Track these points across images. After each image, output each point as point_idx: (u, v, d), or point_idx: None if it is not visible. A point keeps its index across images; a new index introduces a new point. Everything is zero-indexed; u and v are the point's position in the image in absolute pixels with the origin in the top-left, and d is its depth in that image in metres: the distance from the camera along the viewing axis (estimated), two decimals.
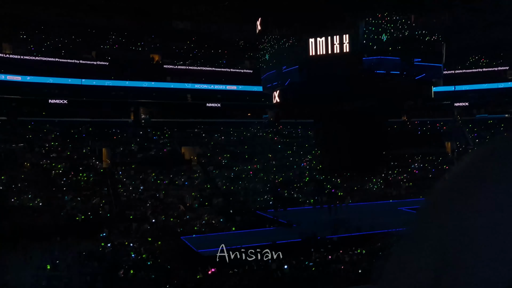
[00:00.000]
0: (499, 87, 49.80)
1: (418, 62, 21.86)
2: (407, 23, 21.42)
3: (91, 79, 42.97)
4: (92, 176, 33.15)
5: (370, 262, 16.79)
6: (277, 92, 26.72)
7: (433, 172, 41.31)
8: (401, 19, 21.35)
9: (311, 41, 22.34)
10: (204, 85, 48.18)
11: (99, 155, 37.10)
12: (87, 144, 37.93)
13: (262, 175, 37.66)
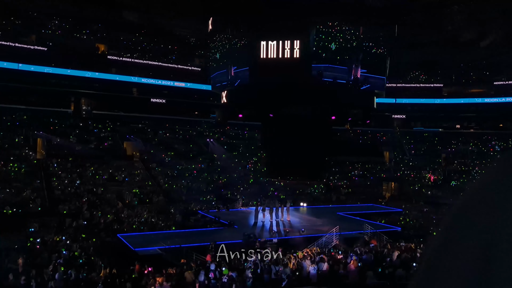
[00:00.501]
0: (435, 102, 52.84)
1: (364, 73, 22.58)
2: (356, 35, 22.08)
3: (30, 64, 40.49)
4: (24, 167, 31.18)
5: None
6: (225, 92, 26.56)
7: (371, 179, 43.03)
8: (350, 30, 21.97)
9: (262, 44, 22.37)
10: (151, 80, 46.99)
11: (34, 146, 35.01)
12: (21, 132, 35.65)
13: (206, 175, 37.34)
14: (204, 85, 45.51)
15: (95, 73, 44.08)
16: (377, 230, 24.32)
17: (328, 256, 18.86)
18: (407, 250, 19.68)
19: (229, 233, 23.10)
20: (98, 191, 30.44)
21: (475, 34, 36.71)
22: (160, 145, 40.90)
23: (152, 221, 25.95)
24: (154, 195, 31.76)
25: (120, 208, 28.03)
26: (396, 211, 33.48)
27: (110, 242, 21.18)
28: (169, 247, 18.94)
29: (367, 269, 16.10)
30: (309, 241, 21.85)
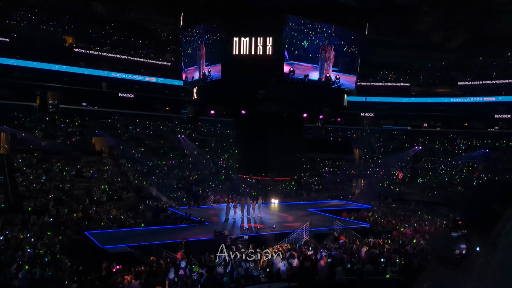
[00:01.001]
0: (404, 101, 54.04)
1: (336, 71, 22.83)
2: (328, 33, 22.28)
3: None
4: None
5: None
6: (196, 88, 26.34)
7: (341, 176, 43.68)
8: (323, 28, 22.14)
9: (235, 40, 22.26)
10: (121, 74, 46.05)
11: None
12: None
13: (177, 171, 36.97)
14: (175, 81, 45.00)
15: (63, 66, 42.82)
16: (346, 226, 24.71)
17: (299, 252, 19.01)
18: (376, 246, 20.07)
19: (200, 230, 22.96)
20: (65, 187, 29.65)
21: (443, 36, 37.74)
22: (131, 140, 40.20)
23: (121, 218, 25.48)
24: (124, 191, 31.20)
25: (88, 205, 27.39)
26: (365, 207, 34.12)
27: (78, 239, 20.67)
28: (139, 245, 18.65)
29: (337, 265, 16.33)
30: (280, 237, 21.97)
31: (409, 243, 21.27)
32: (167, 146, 41.58)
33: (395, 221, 28.51)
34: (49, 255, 17.31)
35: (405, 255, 18.11)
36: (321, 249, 19.12)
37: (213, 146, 43.84)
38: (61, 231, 21.80)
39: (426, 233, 24.43)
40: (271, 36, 21.63)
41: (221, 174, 38.81)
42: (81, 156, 34.80)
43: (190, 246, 19.17)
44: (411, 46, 42.03)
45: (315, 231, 23.33)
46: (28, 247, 18.01)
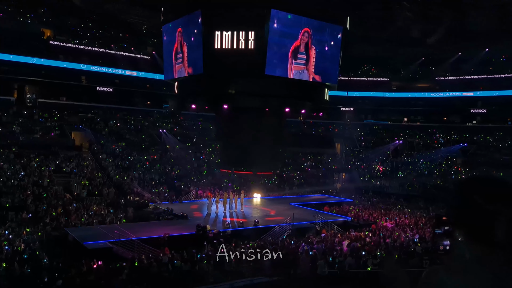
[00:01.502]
0: (385, 96, 54.68)
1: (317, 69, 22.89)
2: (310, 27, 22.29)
3: None
4: None
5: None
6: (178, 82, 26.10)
7: (323, 170, 44.02)
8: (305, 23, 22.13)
9: (217, 34, 22.07)
10: (101, 68, 45.31)
11: None
12: None
13: (159, 166, 36.68)
14: (156, 74, 44.53)
15: (41, 60, 41.89)
16: (328, 220, 24.95)
17: (281, 246, 19.12)
18: (357, 239, 20.34)
19: (182, 225, 22.85)
20: (44, 183, 29.09)
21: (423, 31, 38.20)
22: (111, 135, 39.66)
23: (102, 213, 25.17)
24: (104, 187, 30.80)
25: (67, 201, 26.96)
26: (347, 201, 34.49)
27: (57, 236, 20.33)
28: (120, 240, 18.45)
29: (318, 258, 16.48)
30: (263, 231, 22.05)
31: (390, 236, 21.61)
32: (148, 141, 41.18)
33: (376, 214, 28.90)
34: (28, 252, 17.01)
35: (385, 248, 18.40)
36: (303, 243, 19.27)
37: (195, 140, 43.62)
38: (40, 228, 21.42)
39: (407, 226, 24.86)
40: (253, 30, 21.54)
41: (203, 168, 38.67)
42: (60, 151, 34.19)
43: (172, 242, 19.09)
44: (392, 41, 42.42)
45: (297, 225, 23.47)
46: (6, 244, 17.65)
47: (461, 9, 32.35)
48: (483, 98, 49.96)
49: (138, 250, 17.58)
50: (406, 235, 22.08)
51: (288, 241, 20.36)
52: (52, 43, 43.51)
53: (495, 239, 1.39)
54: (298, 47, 22.02)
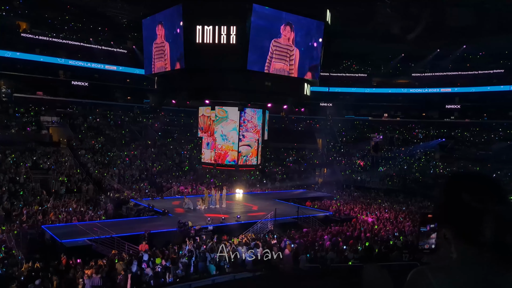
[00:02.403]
0: (365, 91, 55.19)
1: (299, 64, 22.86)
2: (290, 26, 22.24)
3: None
4: None
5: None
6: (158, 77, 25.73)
7: (305, 165, 44.22)
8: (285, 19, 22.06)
9: (198, 28, 21.81)
10: (79, 62, 44.39)
11: None
12: None
13: (139, 162, 36.21)
14: (137, 69, 43.90)
15: (16, 53, 40.78)
16: (310, 215, 25.05)
17: (263, 242, 19.11)
18: (338, 234, 20.48)
19: (163, 222, 22.62)
20: (20, 179, 28.38)
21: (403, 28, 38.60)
22: (90, 131, 38.95)
23: (81, 210, 24.70)
24: (83, 183, 30.25)
25: (45, 198, 26.38)
26: (328, 195, 34.72)
27: (34, 234, 19.86)
28: (99, 238, 18.15)
29: (300, 253, 16.53)
30: (245, 227, 22.00)
31: (371, 230, 21.83)
32: (128, 137, 40.61)
33: (356, 208, 29.17)
34: (3, 251, 16.56)
35: (366, 242, 18.56)
36: (285, 238, 19.29)
37: (176, 136, 43.22)
38: (16, 226, 20.87)
39: (387, 220, 25.16)
40: (235, 24, 21.36)
41: (184, 164, 38.36)
42: (37, 147, 33.41)
43: (154, 238, 18.87)
44: (373, 37, 42.78)
45: (279, 220, 23.50)
46: None
47: (439, 7, 32.79)
48: (461, 94, 50.88)
49: (118, 247, 17.30)
50: (386, 229, 22.34)
51: (270, 236, 20.35)
52: (28, 36, 42.36)
53: (483, 238, 1.34)
54: (280, 43, 21.96)
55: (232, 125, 25.20)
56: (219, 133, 25.46)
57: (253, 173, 39.38)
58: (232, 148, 25.36)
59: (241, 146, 25.44)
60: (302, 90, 23.97)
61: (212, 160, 26.16)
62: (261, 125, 25.94)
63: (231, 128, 25.29)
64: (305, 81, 24.01)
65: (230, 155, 25.57)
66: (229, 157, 25.66)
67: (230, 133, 25.24)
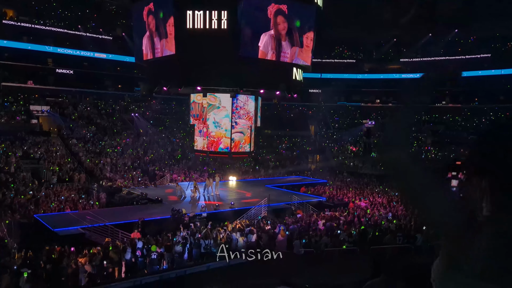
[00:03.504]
0: (358, 77, 55.12)
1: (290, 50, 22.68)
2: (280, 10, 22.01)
3: None
4: None
5: None
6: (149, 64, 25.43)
7: (297, 152, 44.25)
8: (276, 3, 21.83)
9: (189, 14, 21.53)
10: (68, 50, 43.72)
11: None
12: None
13: (131, 151, 35.98)
14: (127, 57, 43.38)
15: (3, 41, 40.05)
16: (303, 200, 25.13)
17: (257, 228, 19.15)
18: (332, 219, 20.57)
19: (157, 210, 22.55)
20: (11, 169, 28.07)
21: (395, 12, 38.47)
22: (81, 119, 38.55)
23: (73, 199, 24.53)
24: (75, 172, 30.01)
25: (36, 187, 26.15)
26: (321, 182, 34.82)
27: (26, 223, 19.70)
28: (92, 226, 18.05)
29: (294, 238, 16.59)
30: (239, 214, 22.02)
31: (364, 214, 21.97)
32: (120, 125, 40.28)
33: (350, 194, 29.31)
34: None
35: (359, 226, 18.67)
36: (279, 224, 19.34)
37: (168, 124, 42.95)
38: (8, 215, 20.69)
39: (380, 205, 25.31)
40: (225, 9, 21.09)
41: (177, 152, 38.19)
42: (27, 136, 33.02)
43: (147, 226, 18.82)
44: (364, 23, 42.56)
45: (273, 206, 23.55)
46: None
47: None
48: (451, 79, 50.91)
49: (111, 235, 17.23)
50: (380, 213, 22.49)
51: (264, 222, 20.39)
52: (14, 24, 41.53)
53: None
54: (271, 27, 21.74)
55: (225, 112, 25.10)
56: (212, 120, 25.36)
57: (246, 160, 39.34)
58: (225, 135, 25.29)
59: (234, 133, 25.41)
60: (295, 76, 23.86)
61: (205, 147, 26.14)
62: (253, 111, 25.86)
63: (224, 115, 25.19)
64: (297, 67, 23.90)
65: (223, 142, 25.52)
66: (222, 145, 25.63)
67: (222, 120, 25.16)
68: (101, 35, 46.26)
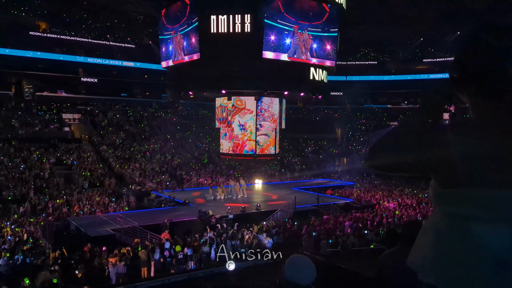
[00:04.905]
0: (384, 79, 54.38)
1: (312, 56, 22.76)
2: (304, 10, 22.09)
3: None
4: None
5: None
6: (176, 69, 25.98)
7: (324, 155, 43.98)
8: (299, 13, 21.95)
9: (213, 18, 21.92)
10: (98, 60, 45.04)
11: None
12: None
13: (159, 156, 36.63)
14: (154, 65, 44.26)
15: (37, 53, 41.63)
16: (330, 202, 24.96)
17: (283, 229, 19.16)
18: (359, 220, 20.37)
19: (184, 212, 22.87)
20: (45, 175, 29.10)
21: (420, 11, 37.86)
22: (110, 126, 39.58)
23: (104, 203, 25.20)
24: (106, 177, 30.80)
25: (69, 192, 26.99)
26: (348, 184, 34.48)
27: (59, 225, 20.37)
28: (122, 227, 18.49)
29: (321, 239, 16.51)
30: (265, 215, 22.07)
31: (392, 215, 21.64)
32: (148, 131, 41.11)
33: (378, 196, 28.91)
34: (31, 242, 17.06)
35: (388, 226, 18.40)
36: (306, 225, 19.30)
37: (195, 129, 43.52)
38: (42, 218, 21.46)
39: (410, 206, 24.85)
40: (249, 13, 21.36)
41: (203, 157, 38.63)
42: (60, 143, 34.15)
43: (175, 227, 19.12)
44: (390, 23, 42.06)
45: (299, 208, 23.48)
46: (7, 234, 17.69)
47: None
48: None
49: (140, 236, 17.61)
50: (409, 214, 22.10)
51: (290, 223, 20.38)
52: (48, 35, 43.18)
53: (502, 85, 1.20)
54: (294, 29, 21.83)
55: (249, 115, 25.34)
56: (236, 123, 25.65)
57: (272, 163, 39.39)
58: (250, 138, 25.51)
59: (258, 136, 25.59)
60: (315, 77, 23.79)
61: (230, 150, 26.44)
62: (278, 113, 25.99)
63: (248, 118, 25.44)
64: (321, 68, 23.88)
65: (248, 145, 25.74)
66: (247, 147, 25.86)
67: (247, 123, 25.40)
68: (129, 44, 47.48)
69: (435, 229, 1.33)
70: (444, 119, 1.43)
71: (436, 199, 1.37)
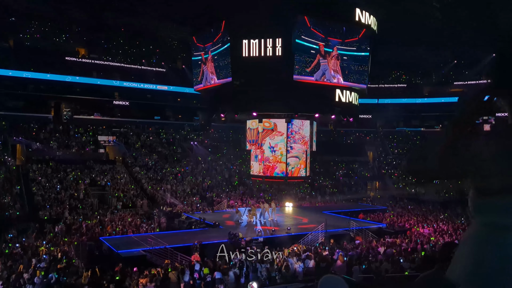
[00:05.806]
0: (417, 102, 53.43)
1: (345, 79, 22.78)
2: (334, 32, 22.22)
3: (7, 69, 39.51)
4: (3, 173, 30.39)
5: None
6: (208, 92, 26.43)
7: (355, 179, 43.25)
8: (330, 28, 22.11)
9: (244, 42, 22.35)
10: (133, 84, 46.43)
11: (13, 151, 34.25)
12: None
13: (191, 178, 37.00)
14: (187, 88, 45.18)
15: (76, 77, 43.34)
16: (362, 227, 24.38)
17: (314, 253, 18.78)
18: (393, 245, 19.74)
19: (214, 234, 22.85)
20: (80, 196, 29.86)
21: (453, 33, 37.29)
22: (143, 148, 40.44)
23: (136, 224, 25.53)
24: (138, 198, 31.30)
25: (102, 212, 27.54)
26: (381, 208, 33.66)
27: (92, 245, 20.72)
28: (153, 248, 18.62)
29: (353, 264, 16.07)
30: (295, 239, 21.75)
31: (427, 241, 20.88)
32: (179, 153, 41.73)
33: (412, 221, 28.05)
34: (65, 261, 17.38)
35: (423, 252, 17.75)
36: (338, 249, 18.86)
37: (226, 151, 43.84)
38: (76, 238, 21.91)
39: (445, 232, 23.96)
40: (280, 37, 21.67)
41: (234, 179, 38.74)
42: (95, 165, 35.10)
43: (205, 249, 19.08)
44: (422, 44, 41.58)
45: (331, 232, 23.04)
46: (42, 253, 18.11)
47: (490, 8, 31.41)
48: None
49: (171, 257, 17.65)
50: (445, 240, 21.26)
51: (321, 247, 19.97)
52: (86, 61, 45.02)
53: None
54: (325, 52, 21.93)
55: (280, 137, 25.35)
56: (267, 145, 25.69)
57: (302, 186, 39.04)
58: (280, 160, 25.46)
59: (289, 158, 25.50)
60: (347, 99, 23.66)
61: (261, 172, 26.42)
62: (309, 136, 25.88)
63: (279, 140, 25.45)
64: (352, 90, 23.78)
65: (278, 167, 25.67)
66: (277, 169, 25.78)
67: (278, 145, 25.40)
68: (163, 68, 48.81)
69: (473, 238, 1.33)
70: (483, 128, 1.43)
71: (474, 209, 1.37)
